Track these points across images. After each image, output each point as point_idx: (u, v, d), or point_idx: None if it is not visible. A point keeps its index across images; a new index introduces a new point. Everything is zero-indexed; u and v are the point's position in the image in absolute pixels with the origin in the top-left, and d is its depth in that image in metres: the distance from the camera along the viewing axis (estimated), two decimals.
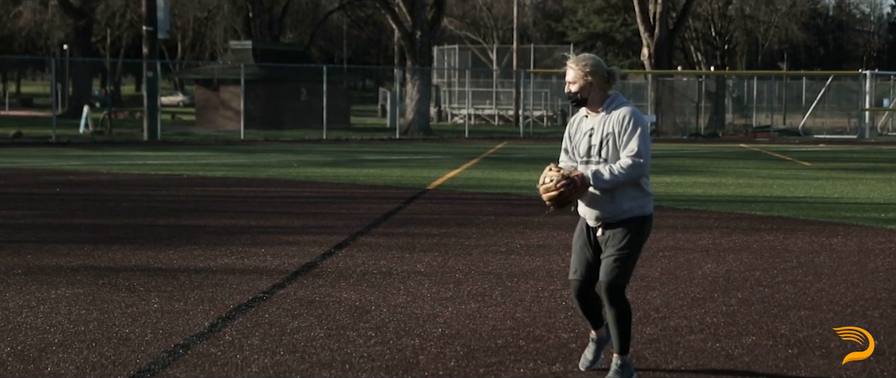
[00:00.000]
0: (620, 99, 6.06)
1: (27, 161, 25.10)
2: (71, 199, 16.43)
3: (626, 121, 5.92)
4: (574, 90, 6.03)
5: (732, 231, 13.11)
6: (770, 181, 21.06)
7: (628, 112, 5.95)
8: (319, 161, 26.19)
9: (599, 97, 6.03)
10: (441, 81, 63.00)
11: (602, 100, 6.04)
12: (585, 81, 5.98)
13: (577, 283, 6.17)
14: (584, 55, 6.08)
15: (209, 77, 50.42)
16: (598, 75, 5.99)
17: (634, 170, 5.89)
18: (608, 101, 6.04)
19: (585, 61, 6.01)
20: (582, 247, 6.18)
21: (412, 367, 6.45)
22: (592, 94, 6.02)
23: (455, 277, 9.58)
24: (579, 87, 6.01)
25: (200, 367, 6.39)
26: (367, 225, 13.35)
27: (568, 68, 6.07)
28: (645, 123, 5.95)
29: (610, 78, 6.01)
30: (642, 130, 5.91)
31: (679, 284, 9.33)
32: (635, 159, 5.87)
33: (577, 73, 5.99)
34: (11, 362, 6.49)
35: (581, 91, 6.01)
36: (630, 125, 5.91)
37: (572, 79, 6.03)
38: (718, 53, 68.43)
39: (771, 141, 41.77)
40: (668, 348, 6.98)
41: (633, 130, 5.90)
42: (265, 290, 8.87)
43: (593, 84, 5.99)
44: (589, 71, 5.97)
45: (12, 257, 10.47)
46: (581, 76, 5.98)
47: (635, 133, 5.89)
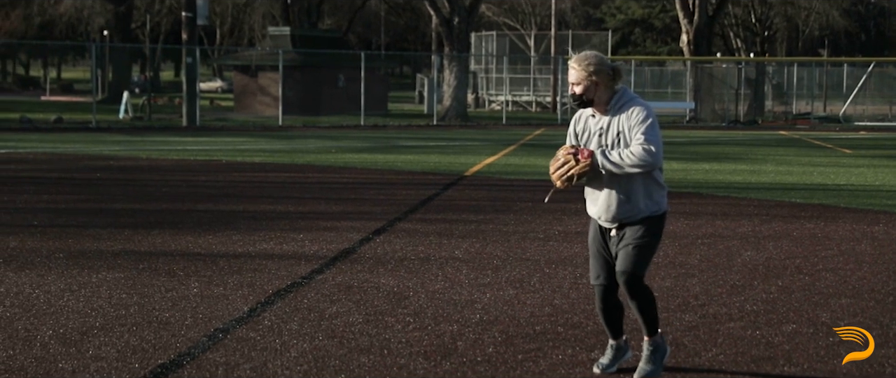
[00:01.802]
0: (628, 94, 5.81)
1: (68, 146, 25.30)
2: (111, 184, 16.55)
3: (636, 114, 5.68)
4: (578, 92, 5.76)
5: (772, 218, 13.03)
6: (810, 168, 20.90)
7: (638, 107, 5.71)
8: (357, 147, 26.23)
9: (606, 96, 5.78)
10: (479, 68, 62.90)
11: (609, 98, 5.78)
12: (590, 81, 5.73)
13: (602, 288, 5.96)
14: (585, 53, 5.81)
15: (248, 63, 50.59)
16: (602, 73, 5.73)
17: (646, 157, 5.60)
18: (616, 98, 5.78)
19: (588, 60, 5.75)
20: (599, 250, 5.97)
21: (450, 353, 6.45)
22: (598, 93, 5.76)
23: (493, 264, 9.58)
24: (584, 88, 5.75)
25: (240, 352, 6.42)
26: (404, 211, 13.36)
27: (570, 68, 5.79)
28: (655, 117, 5.73)
29: (615, 75, 5.75)
30: (652, 123, 5.67)
31: (718, 272, 9.28)
32: (646, 147, 5.60)
33: (580, 73, 5.74)
34: (54, 345, 6.54)
35: (586, 92, 5.76)
36: (640, 117, 5.67)
37: (576, 79, 5.77)
38: (758, 40, 67.89)
39: (811, 128, 41.44)
40: (708, 336, 6.95)
41: (644, 122, 5.65)
42: (304, 276, 8.90)
43: (599, 83, 5.74)
44: (593, 70, 5.71)
45: (54, 241, 10.57)
46: (585, 76, 5.73)
47: (645, 124, 5.65)
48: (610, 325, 6.06)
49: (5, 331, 6.89)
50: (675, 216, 12.90)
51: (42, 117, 38.21)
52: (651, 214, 5.79)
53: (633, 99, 5.79)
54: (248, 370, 6.04)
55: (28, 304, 7.71)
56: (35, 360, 6.22)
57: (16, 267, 9.16)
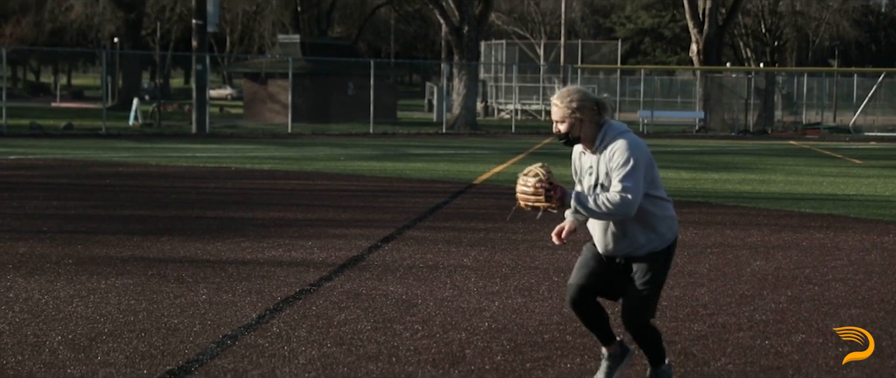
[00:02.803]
0: (613, 130, 5.46)
1: (78, 152, 25.35)
2: (120, 191, 16.58)
3: (617, 155, 5.35)
4: (563, 130, 5.47)
5: (782, 228, 13.00)
6: (820, 179, 20.86)
7: (621, 145, 5.36)
8: (366, 155, 26.24)
9: (592, 132, 5.47)
10: (488, 76, 62.91)
11: (595, 134, 5.47)
12: (574, 119, 5.42)
13: (574, 287, 5.63)
14: (567, 90, 5.50)
15: (257, 71, 50.68)
16: (586, 109, 5.42)
17: (621, 207, 5.31)
18: (600, 134, 5.46)
19: (570, 96, 5.44)
20: (590, 258, 5.70)
21: (459, 361, 6.45)
22: (584, 130, 5.46)
23: (502, 272, 9.57)
24: (568, 125, 5.45)
25: (248, 359, 6.42)
26: (413, 219, 13.36)
27: (552, 106, 5.51)
28: (639, 156, 5.35)
29: (600, 109, 5.45)
30: (633, 165, 5.32)
31: (727, 281, 9.26)
32: (623, 195, 5.29)
33: (563, 110, 5.43)
34: (62, 350, 6.55)
35: (571, 130, 5.45)
36: (620, 160, 5.34)
37: (559, 117, 5.46)
38: (768, 50, 67.87)
39: (821, 138, 41.37)
40: (717, 345, 6.93)
41: (624, 165, 5.32)
42: (312, 283, 8.90)
43: (583, 120, 5.43)
44: (576, 106, 5.41)
45: (63, 247, 10.58)
46: (568, 114, 5.43)
47: (625, 167, 5.32)
48: (594, 329, 5.75)
49: (14, 336, 6.90)
50: (684, 225, 12.87)
51: (52, 124, 38.31)
52: (654, 250, 5.52)
53: (618, 135, 5.44)
54: (257, 376, 6.04)
55: (37, 309, 7.72)
56: (44, 365, 6.23)
57: (25, 273, 9.17)
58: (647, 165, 5.39)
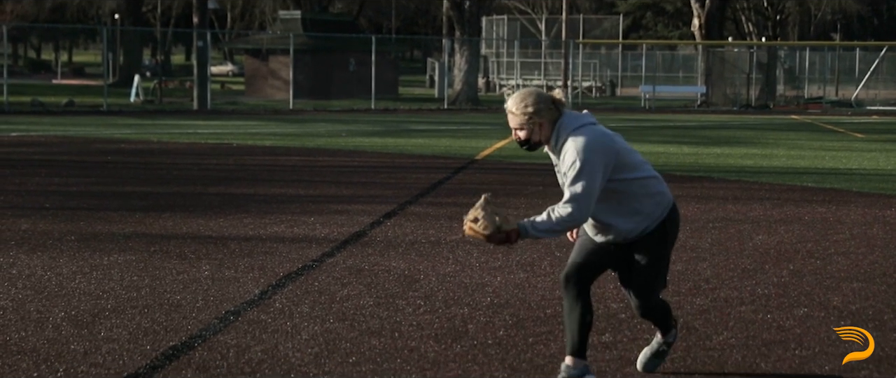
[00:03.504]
0: (566, 127, 5.14)
1: (79, 129, 25.34)
2: (122, 168, 16.58)
3: (567, 157, 5.08)
4: (523, 137, 5.19)
5: (784, 203, 13.00)
6: (822, 153, 20.84)
7: (570, 147, 5.07)
8: (368, 131, 26.23)
9: (550, 132, 5.18)
10: (489, 52, 62.81)
11: (551, 134, 5.19)
12: (533, 123, 5.14)
13: (570, 264, 5.38)
14: (521, 94, 5.19)
15: (258, 47, 50.60)
16: (543, 111, 5.12)
17: (572, 216, 5.07)
18: (555, 134, 5.17)
19: (525, 101, 5.14)
20: (588, 240, 5.43)
21: (461, 336, 6.46)
22: (544, 132, 5.18)
23: (503, 247, 9.56)
24: (528, 132, 5.17)
25: (251, 334, 6.44)
26: (415, 194, 13.36)
27: (508, 113, 5.21)
28: (589, 155, 5.03)
29: (557, 107, 5.15)
30: (581, 167, 5.03)
31: (729, 256, 9.27)
32: (572, 204, 5.05)
33: (520, 118, 5.14)
34: (66, 326, 6.56)
35: (531, 135, 5.18)
36: (569, 160, 5.08)
37: (517, 125, 5.18)
38: (770, 24, 67.69)
39: (823, 112, 41.31)
40: (719, 319, 6.94)
41: (571, 166, 5.06)
42: (315, 259, 8.90)
43: (542, 123, 5.15)
44: (532, 111, 5.11)
45: (66, 224, 10.59)
46: (525, 120, 5.14)
47: (573, 169, 5.06)
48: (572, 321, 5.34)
49: (18, 312, 6.91)
50: (686, 200, 12.88)
51: (53, 101, 38.29)
52: (646, 230, 5.27)
53: (571, 134, 5.13)
54: (260, 352, 6.05)
55: (40, 286, 7.73)
56: (47, 341, 6.24)
57: (28, 249, 9.18)
58: (604, 160, 5.07)
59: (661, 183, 5.35)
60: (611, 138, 5.17)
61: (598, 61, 60.63)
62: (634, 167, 5.22)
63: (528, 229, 5.15)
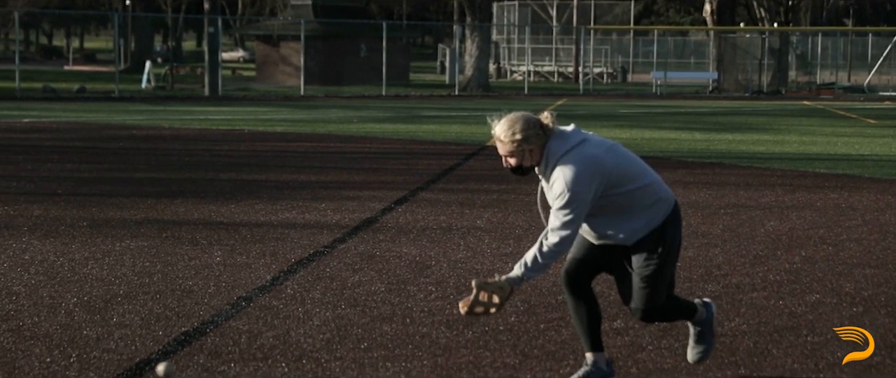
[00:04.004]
0: (554, 152, 4.94)
1: (91, 115, 25.39)
2: (134, 154, 16.61)
3: (557, 187, 4.89)
4: (514, 164, 5.00)
5: (796, 189, 12.97)
6: (834, 139, 20.78)
7: (560, 176, 4.87)
8: (379, 117, 26.23)
9: (540, 156, 4.99)
10: (500, 38, 62.69)
11: (541, 158, 4.99)
12: (522, 149, 4.94)
13: (569, 260, 5.26)
14: (508, 120, 4.98)
15: (269, 33, 50.58)
16: (531, 138, 4.92)
17: (555, 253, 4.95)
18: (544, 160, 4.98)
19: (512, 128, 4.93)
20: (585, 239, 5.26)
21: (473, 322, 6.46)
22: (534, 157, 4.98)
23: (515, 233, 9.58)
24: (518, 160, 4.98)
25: (263, 320, 6.45)
26: (426, 181, 13.36)
27: (496, 141, 5.03)
28: (580, 186, 4.84)
29: (545, 131, 4.95)
30: (569, 199, 4.85)
31: (741, 242, 9.25)
32: (553, 238, 4.92)
33: (509, 146, 4.95)
34: (78, 312, 6.58)
35: (523, 161, 4.98)
36: (556, 190, 4.90)
37: (507, 152, 4.98)
38: (782, 9, 67.39)
39: (835, 98, 41.18)
40: (730, 305, 6.93)
41: (560, 198, 4.88)
42: (326, 245, 8.91)
43: (533, 149, 4.95)
44: (521, 138, 4.91)
45: (78, 210, 10.62)
46: (515, 148, 4.95)
47: (559, 200, 4.88)
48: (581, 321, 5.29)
49: (31, 298, 6.93)
50: (698, 186, 12.87)
51: (65, 87, 38.34)
52: (644, 237, 5.05)
53: (560, 161, 4.92)
54: (271, 338, 6.06)
55: (53, 271, 7.76)
56: (60, 326, 6.26)
57: (40, 235, 9.21)
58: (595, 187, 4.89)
59: (660, 188, 5.12)
60: (600, 161, 4.92)
61: (609, 47, 60.48)
62: (631, 179, 5.01)
63: (523, 278, 5.00)
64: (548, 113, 5.03)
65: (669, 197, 5.14)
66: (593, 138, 5.07)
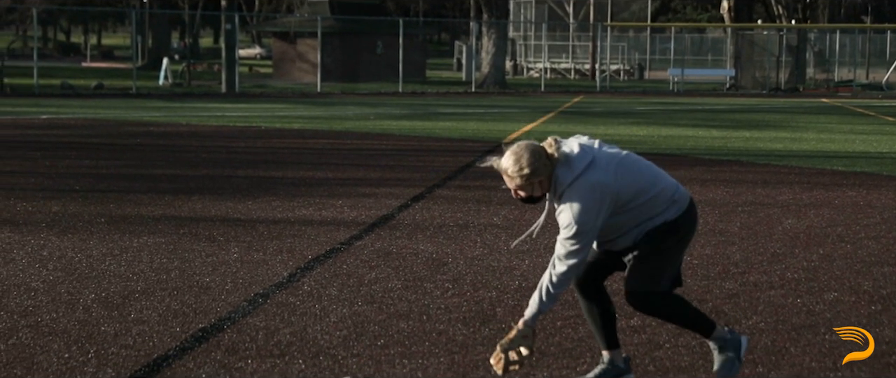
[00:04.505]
0: (563, 180, 4.85)
1: (108, 112, 25.47)
2: (151, 150, 16.65)
3: (564, 218, 4.85)
4: (524, 196, 4.96)
5: (813, 186, 12.93)
6: (852, 136, 20.71)
7: (567, 208, 4.83)
8: (395, 114, 26.24)
9: (548, 185, 4.92)
10: (517, 35, 62.64)
11: (549, 186, 4.93)
12: (532, 183, 4.88)
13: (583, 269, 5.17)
14: (514, 154, 4.89)
15: (286, 30, 50.64)
16: (540, 170, 4.84)
17: (564, 282, 4.91)
18: (552, 188, 4.91)
19: (519, 163, 4.84)
20: None
21: (489, 319, 6.46)
22: (543, 186, 4.92)
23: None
24: (528, 193, 4.93)
25: (280, 317, 6.46)
26: (443, 178, 13.36)
27: (505, 177, 4.94)
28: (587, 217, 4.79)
29: (551, 160, 4.85)
30: (576, 231, 4.80)
31: (759, 240, 9.22)
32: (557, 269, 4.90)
33: (518, 181, 4.87)
34: (96, 308, 6.61)
35: (533, 192, 4.93)
36: (562, 221, 4.87)
37: (517, 186, 4.91)
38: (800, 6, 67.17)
39: (853, 96, 41.03)
40: (748, 303, 6.91)
41: (567, 229, 4.84)
42: (343, 242, 8.92)
43: (542, 181, 4.88)
44: (529, 173, 4.83)
45: (96, 206, 10.65)
46: (525, 183, 4.87)
47: (568, 232, 4.83)
48: (595, 323, 5.28)
49: (49, 294, 6.96)
50: (715, 183, 12.84)
51: (83, 83, 38.48)
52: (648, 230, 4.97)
53: (567, 189, 4.85)
54: (288, 335, 6.07)
55: (70, 267, 7.79)
56: (78, 323, 6.28)
57: (58, 231, 9.24)
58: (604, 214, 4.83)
59: (673, 192, 5.02)
60: (606, 186, 4.81)
61: (626, 44, 60.38)
62: (642, 192, 4.92)
63: (538, 313, 4.98)
64: (551, 140, 4.93)
65: (683, 198, 5.05)
66: (601, 158, 4.90)
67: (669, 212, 4.97)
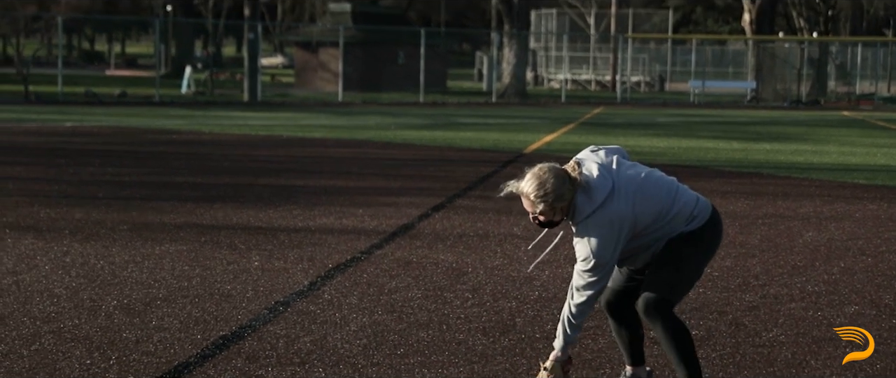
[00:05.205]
0: (582, 209, 4.79)
1: (131, 120, 25.59)
2: (174, 158, 16.73)
3: (581, 250, 4.81)
4: (544, 220, 4.87)
5: (834, 199, 12.89)
6: (874, 149, 20.63)
7: (584, 240, 4.80)
8: (416, 124, 26.27)
9: (569, 209, 4.85)
10: (538, 46, 62.67)
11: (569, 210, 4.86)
12: (555, 208, 4.79)
13: (609, 291, 5.17)
14: (537, 177, 4.80)
15: (308, 39, 50.82)
16: (564, 195, 4.76)
17: (580, 315, 4.92)
18: (571, 213, 4.86)
19: (543, 188, 4.75)
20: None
21: (509, 330, 6.47)
22: (565, 210, 4.84)
23: (551, 240, 9.55)
24: (549, 218, 4.84)
25: (300, 325, 6.49)
26: (463, 187, 13.38)
27: (523, 199, 4.86)
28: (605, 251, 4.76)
29: (574, 185, 4.78)
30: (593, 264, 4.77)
31: (779, 252, 9.21)
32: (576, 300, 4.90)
33: (543, 207, 4.78)
34: (118, 315, 6.65)
35: (554, 217, 4.85)
36: (579, 254, 4.83)
37: (540, 212, 4.81)
38: (822, 19, 67.02)
39: (874, 109, 40.86)
40: (768, 316, 6.91)
41: (585, 262, 4.81)
42: (363, 250, 8.95)
43: (564, 206, 4.80)
44: (553, 198, 4.75)
45: (118, 213, 10.72)
46: (547, 209, 4.78)
47: (586, 265, 4.80)
48: (622, 341, 5.29)
49: (71, 300, 7.01)
50: (736, 196, 12.82)
51: (106, 91, 38.66)
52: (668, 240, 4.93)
53: (585, 220, 4.80)
54: (309, 343, 6.10)
55: (93, 274, 7.84)
56: (100, 329, 6.33)
57: (81, 238, 9.30)
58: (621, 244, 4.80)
59: (693, 207, 4.94)
60: (625, 218, 4.76)
61: (647, 56, 60.29)
62: (661, 216, 4.86)
63: (565, 346, 5.02)
64: (573, 163, 4.86)
65: (704, 211, 4.96)
66: (621, 185, 4.81)
67: (689, 227, 4.92)
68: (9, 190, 12.38)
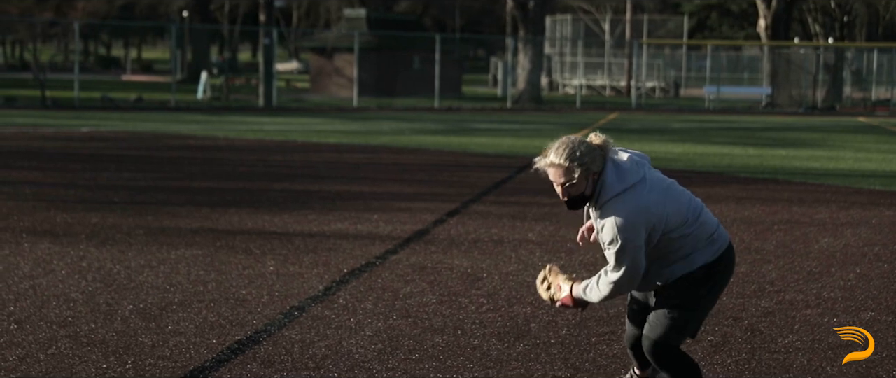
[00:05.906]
0: (610, 188, 4.61)
1: (147, 125, 25.66)
2: (189, 163, 16.77)
3: (606, 231, 4.60)
4: (574, 193, 4.66)
5: (850, 205, 12.86)
6: (890, 155, 20.56)
7: (610, 223, 4.57)
8: (431, 129, 26.29)
9: (595, 187, 4.65)
10: (553, 52, 62.60)
11: (595, 187, 4.65)
12: (588, 176, 4.60)
13: (627, 336, 5.19)
14: (563, 144, 4.63)
15: (323, 45, 50.88)
16: (596, 160, 4.60)
17: (616, 291, 4.73)
18: (597, 190, 4.65)
19: (575, 152, 4.57)
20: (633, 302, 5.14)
21: (524, 335, 6.47)
22: (592, 183, 4.64)
23: (566, 247, 9.57)
24: (581, 189, 4.63)
25: (315, 330, 6.50)
26: (478, 193, 13.39)
27: (549, 168, 4.65)
28: (632, 234, 4.57)
29: (604, 152, 4.63)
30: (621, 246, 4.57)
31: (795, 258, 9.19)
32: (609, 278, 4.72)
33: (578, 172, 4.57)
34: (134, 319, 6.67)
35: (584, 189, 4.64)
36: (607, 237, 4.62)
37: (563, 180, 4.60)
38: (837, 25, 66.86)
39: (890, 115, 40.71)
40: (784, 322, 6.89)
41: (611, 244, 4.61)
42: (378, 256, 8.96)
43: (593, 175, 4.61)
44: (588, 162, 4.56)
45: (134, 218, 10.75)
46: (581, 175, 4.58)
47: (612, 247, 4.61)
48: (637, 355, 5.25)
49: (88, 305, 7.04)
50: (751, 201, 12.80)
51: (123, 97, 38.78)
52: (683, 275, 4.77)
53: (611, 200, 4.61)
54: (324, 348, 6.11)
55: (109, 279, 7.86)
56: (116, 333, 6.35)
57: (97, 243, 9.34)
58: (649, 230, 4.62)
59: (715, 229, 4.83)
60: (652, 211, 4.61)
61: (662, 62, 60.17)
62: (686, 222, 4.73)
63: (582, 296, 4.90)
64: (594, 135, 4.72)
65: (722, 239, 4.85)
66: (652, 177, 4.71)
67: (708, 252, 4.77)
68: (25, 195, 12.43)
